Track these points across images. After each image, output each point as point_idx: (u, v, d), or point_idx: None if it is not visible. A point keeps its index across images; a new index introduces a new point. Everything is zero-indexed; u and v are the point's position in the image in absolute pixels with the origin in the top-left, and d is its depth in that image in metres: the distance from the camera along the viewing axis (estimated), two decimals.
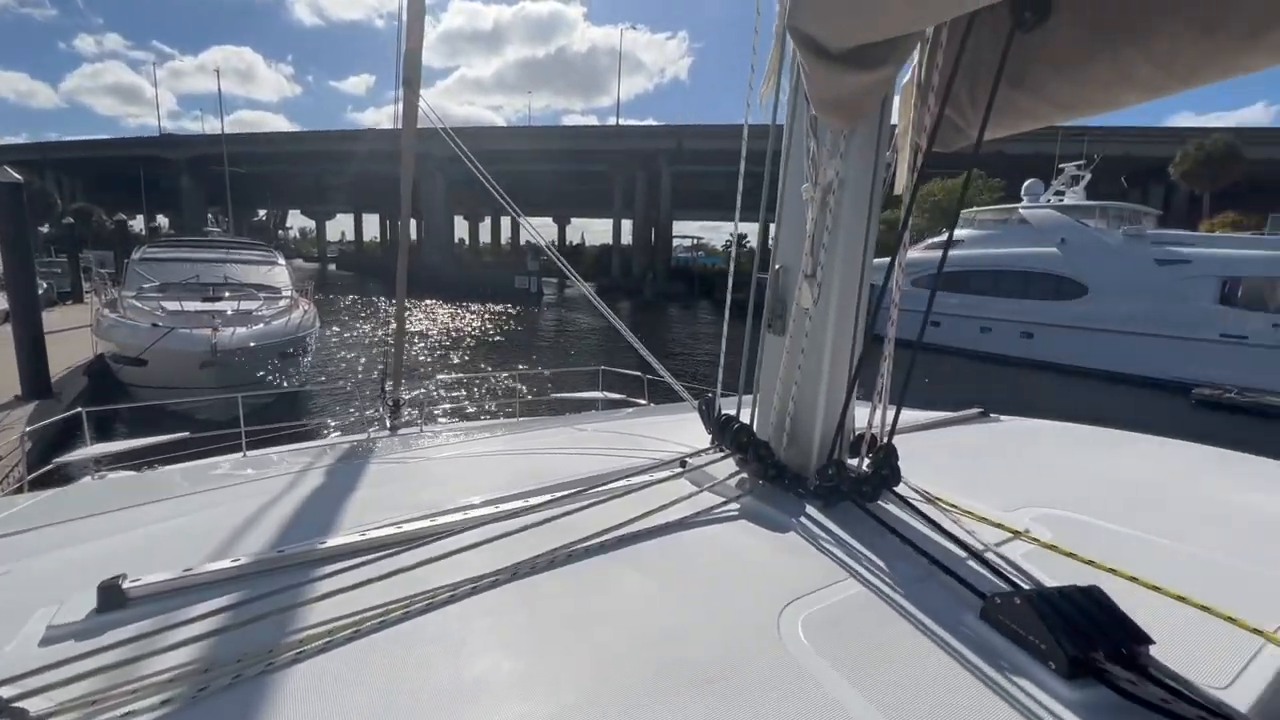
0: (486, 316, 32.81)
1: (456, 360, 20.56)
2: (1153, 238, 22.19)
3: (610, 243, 62.56)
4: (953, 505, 1.48)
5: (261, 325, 12.48)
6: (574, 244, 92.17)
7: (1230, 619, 0.99)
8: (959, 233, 27.32)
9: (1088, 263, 22.16)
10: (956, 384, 20.00)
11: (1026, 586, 1.07)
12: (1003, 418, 2.64)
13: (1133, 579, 1.12)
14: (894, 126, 1.61)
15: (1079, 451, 2.26)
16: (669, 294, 50.01)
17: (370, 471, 2.06)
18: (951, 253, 26.70)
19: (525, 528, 1.26)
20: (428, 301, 37.23)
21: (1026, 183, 26.97)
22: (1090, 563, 1.19)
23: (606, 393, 3.52)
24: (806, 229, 1.51)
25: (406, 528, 1.27)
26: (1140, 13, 1.10)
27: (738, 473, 1.61)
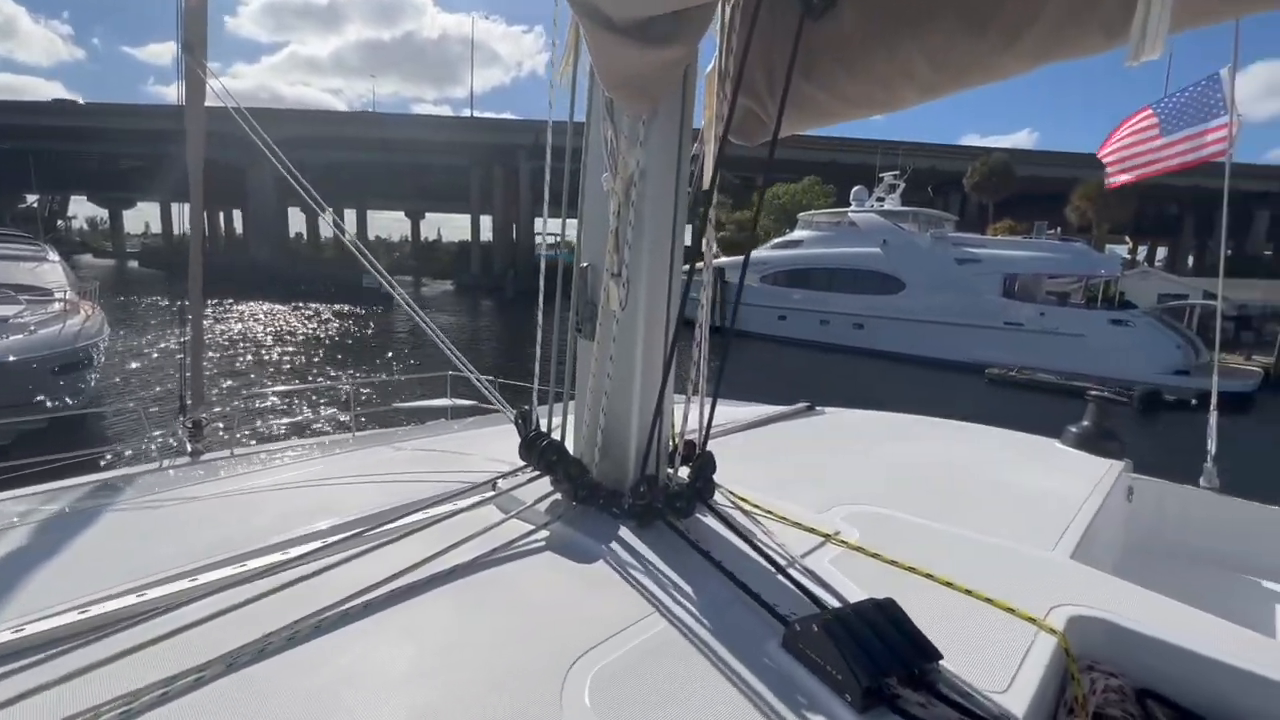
0: (328, 318, 29.92)
1: (290, 368, 18.56)
2: (953, 240, 26.01)
3: (469, 239, 60.20)
4: (769, 512, 1.47)
5: (23, 335, 10.15)
6: (429, 240, 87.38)
7: (1009, 609, 1.05)
8: (800, 233, 29.92)
9: (904, 261, 25.34)
10: (805, 375, 21.90)
11: (832, 603, 1.09)
12: (827, 410, 2.76)
13: (928, 575, 1.18)
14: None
15: (891, 440, 2.38)
16: (533, 292, 49.09)
17: (153, 511, 1.74)
18: (793, 252, 29.19)
19: (272, 591, 1.06)
20: (254, 303, 33.24)
21: (854, 189, 30.19)
22: (893, 563, 1.24)
23: (456, 399, 3.30)
24: (610, 224, 1.40)
25: (131, 600, 1.04)
26: (917, 6, 1.17)
27: (551, 493, 1.48)
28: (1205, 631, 1.02)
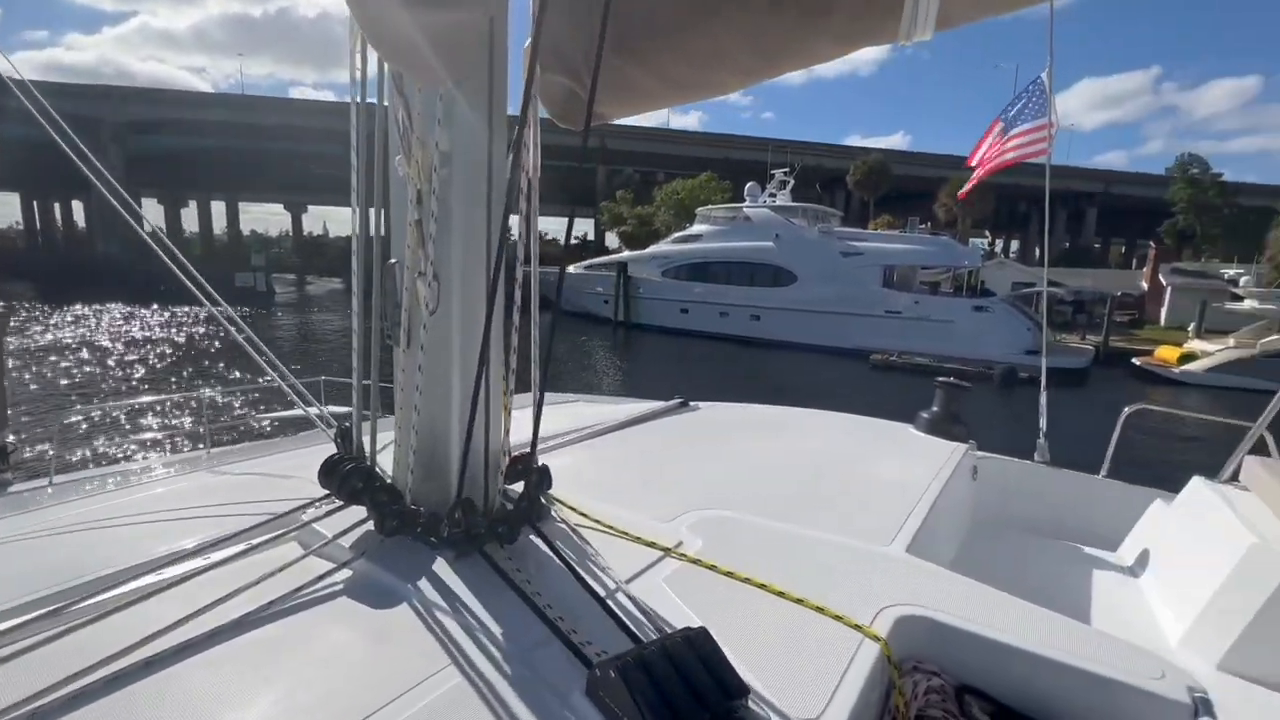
0: (191, 322, 26.93)
1: (142, 381, 16.53)
2: (838, 234, 27.75)
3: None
4: (609, 527, 1.37)
5: None
6: (314, 235, 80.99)
7: (838, 617, 1.04)
8: (698, 228, 30.75)
9: (796, 255, 26.70)
10: (706, 366, 22.55)
11: (650, 634, 1.02)
12: (701, 405, 2.74)
13: (763, 586, 1.14)
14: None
15: (757, 435, 2.37)
16: None
17: None
18: (692, 245, 29.92)
19: (10, 657, 0.90)
20: (100, 306, 29.34)
21: (747, 185, 31.42)
22: (730, 574, 1.19)
23: (331, 407, 3.05)
24: (410, 214, 1.24)
25: None
26: None
27: (364, 522, 1.30)
28: (1020, 620, 1.07)
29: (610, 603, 1.10)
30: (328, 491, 1.36)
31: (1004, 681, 1.02)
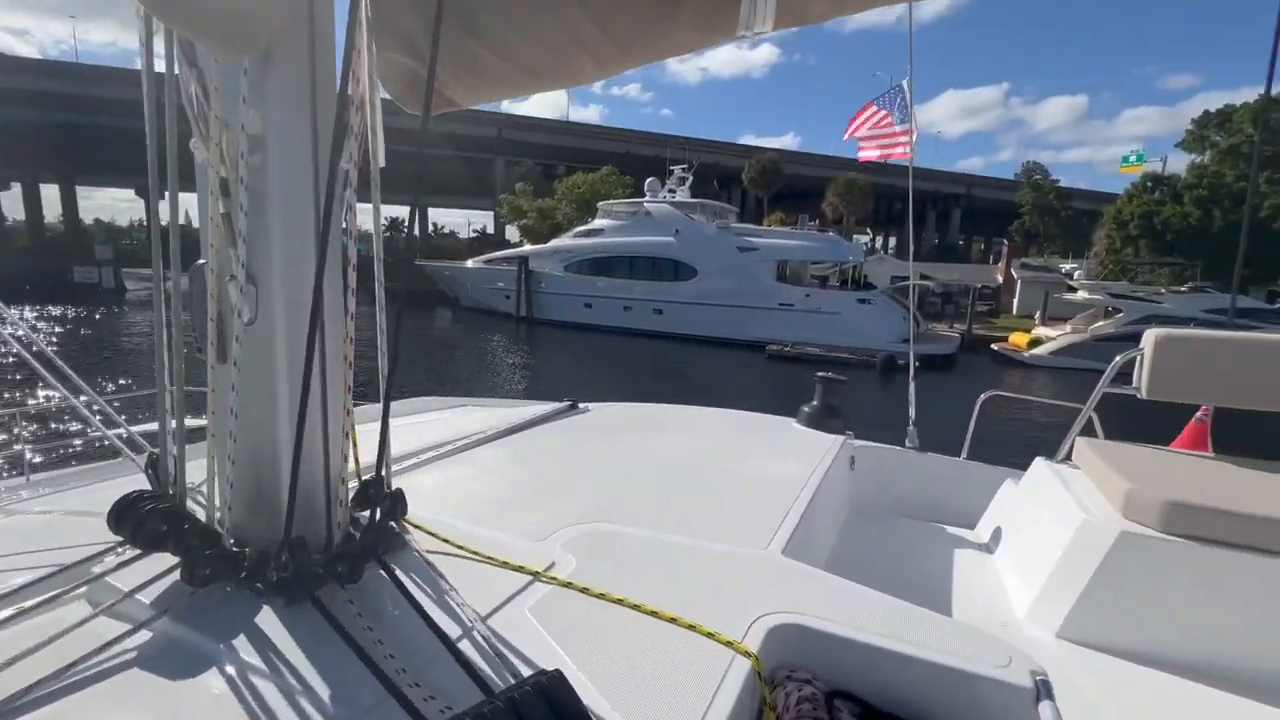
0: (26, 325, 23.32)
1: None
2: (735, 230, 28.71)
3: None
4: (475, 552, 1.25)
5: None
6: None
7: (710, 634, 1.00)
8: (600, 222, 30.71)
9: (696, 250, 27.33)
10: (610, 361, 22.55)
11: (504, 678, 0.94)
12: (591, 406, 2.66)
13: (636, 607, 1.09)
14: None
15: (644, 436, 2.32)
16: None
17: None
18: (594, 240, 29.84)
19: None
20: None
21: (647, 180, 31.74)
22: (602, 596, 1.13)
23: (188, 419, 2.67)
24: (212, 208, 1.07)
25: None
26: None
27: (171, 570, 1.11)
28: (885, 617, 1.08)
29: (464, 645, 1.00)
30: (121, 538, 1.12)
31: (871, 681, 1.02)
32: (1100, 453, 1.88)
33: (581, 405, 2.68)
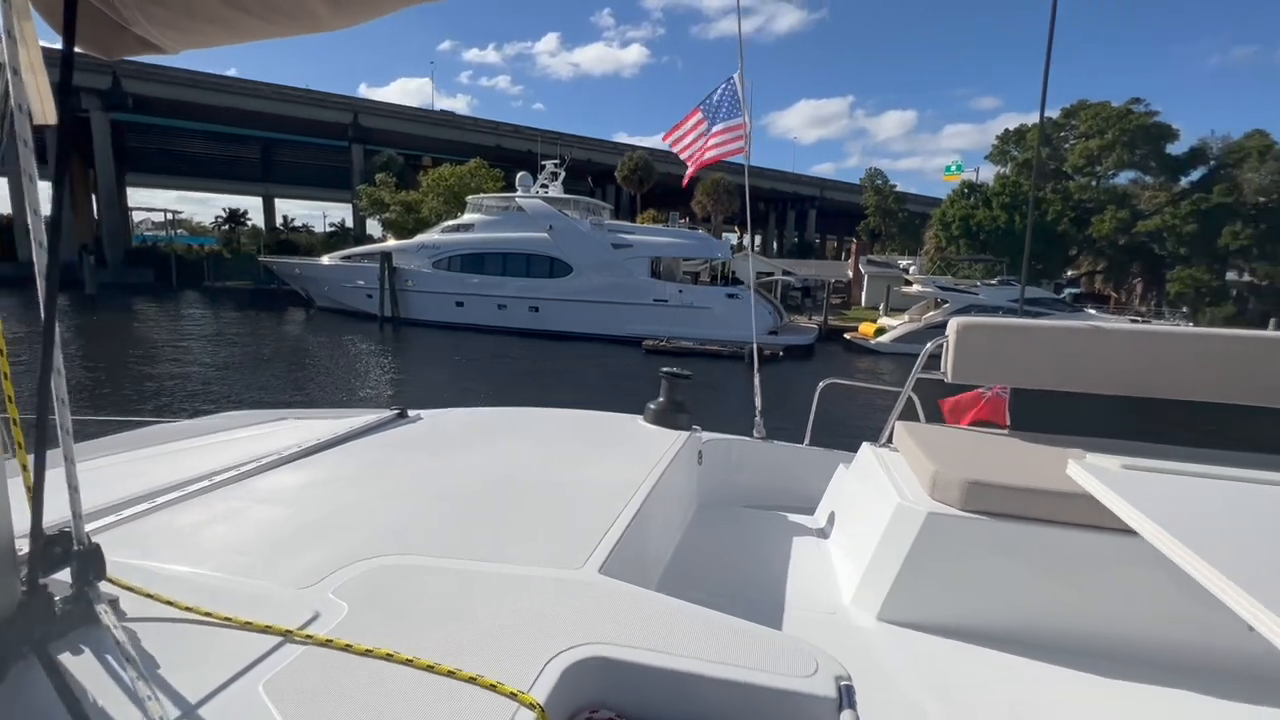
0: None
1: None
2: (609, 227, 28.86)
3: (10, 212, 42.71)
4: (207, 615, 1.01)
5: None
6: None
7: (492, 686, 0.87)
8: (470, 217, 29.50)
9: (570, 246, 27.13)
10: (485, 362, 21.74)
11: None
12: (424, 414, 2.41)
13: (409, 661, 0.91)
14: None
15: (475, 447, 2.08)
16: (130, 284, 38.06)
17: None
18: (465, 235, 28.63)
19: None
20: None
21: (519, 175, 30.96)
22: (368, 653, 0.93)
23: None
24: None
25: None
26: None
27: None
28: (697, 634, 1.01)
29: None
30: None
31: (680, 707, 0.95)
32: (914, 435, 2.00)
33: (413, 413, 2.40)
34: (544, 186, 30.58)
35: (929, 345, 2.23)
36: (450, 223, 30.16)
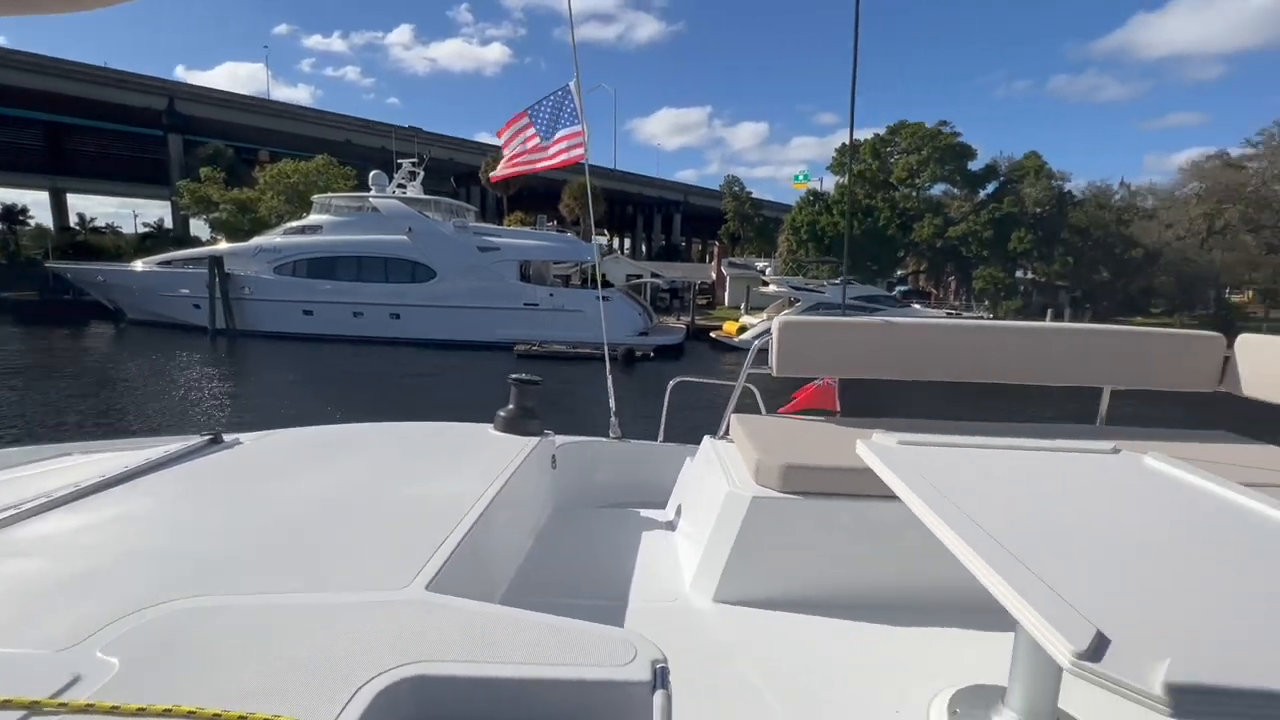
0: None
1: None
2: (474, 229, 27.94)
3: None
4: None
5: None
6: None
7: None
8: (317, 218, 27.14)
9: (433, 249, 25.87)
10: (340, 375, 20.09)
11: None
12: (243, 438, 2.18)
13: (190, 714, 0.83)
14: None
15: (299, 471, 1.93)
16: None
17: None
18: (312, 238, 26.31)
19: None
20: None
21: (373, 174, 29.00)
22: (140, 713, 0.83)
23: None
24: None
25: None
26: None
27: None
28: (521, 639, 1.00)
29: None
30: None
31: (502, 713, 0.93)
32: (745, 426, 2.14)
33: (229, 438, 2.14)
34: (401, 186, 28.91)
35: (756, 343, 2.43)
36: (295, 224, 27.53)
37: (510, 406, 2.36)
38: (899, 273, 42.96)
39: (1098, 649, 0.70)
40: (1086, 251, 35.25)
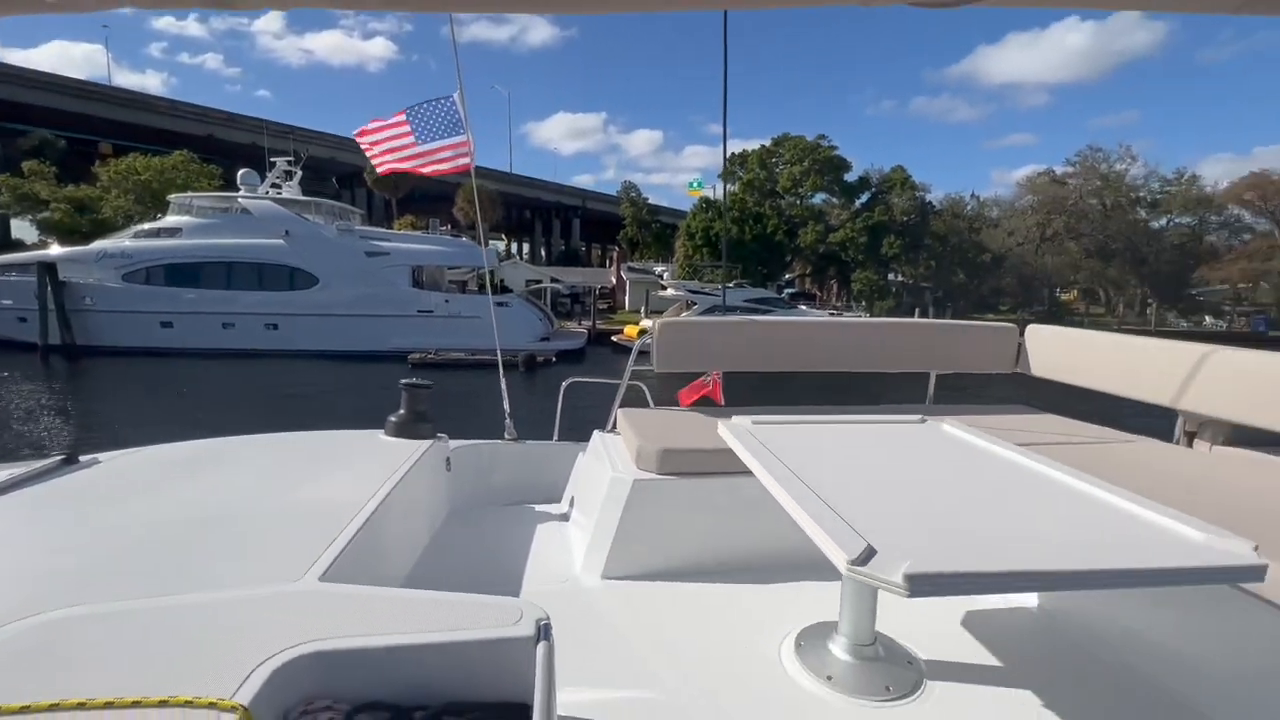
0: None
1: None
2: (361, 233, 26.38)
3: None
4: None
5: None
6: None
7: (187, 702, 0.83)
8: (176, 219, 24.52)
9: (314, 254, 24.16)
10: (206, 394, 18.25)
11: None
12: (102, 457, 2.03)
13: (80, 705, 0.83)
14: None
15: (164, 487, 1.83)
16: None
17: None
18: (169, 242, 23.76)
19: None
20: None
21: (241, 172, 26.63)
22: (24, 710, 0.82)
23: None
24: None
25: None
26: None
27: None
28: (418, 615, 1.03)
29: None
30: None
31: (399, 683, 0.97)
32: (630, 419, 2.30)
33: (86, 458, 1.95)
34: (276, 186, 26.77)
35: (637, 343, 2.64)
36: (148, 226, 24.70)
37: (401, 411, 2.35)
38: (787, 276, 45.61)
39: (866, 558, 0.99)
40: (946, 256, 39.29)
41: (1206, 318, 39.69)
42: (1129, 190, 40.05)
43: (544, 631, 1.00)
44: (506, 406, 3.15)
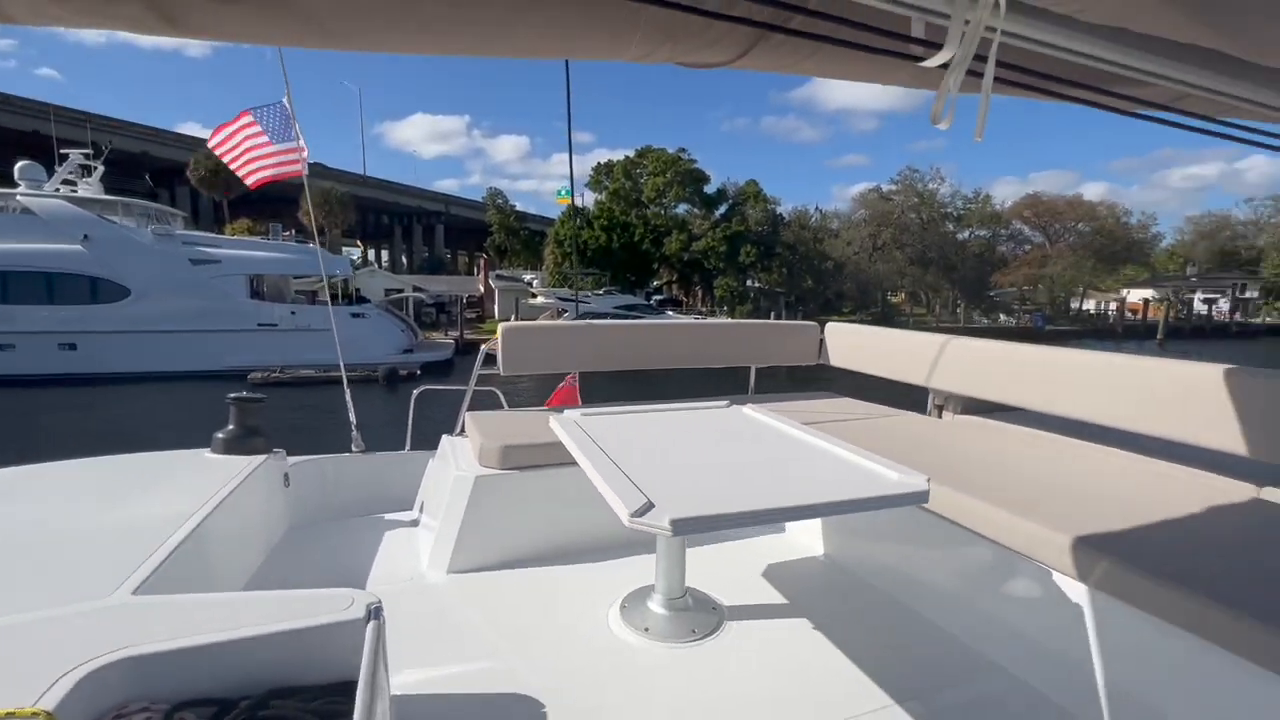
0: None
1: None
2: (183, 238, 23.27)
3: None
4: None
5: None
6: None
7: None
8: None
9: (123, 262, 20.96)
10: None
11: None
12: None
13: None
14: None
15: None
16: None
17: None
18: None
19: None
20: None
21: (21, 164, 22.44)
22: None
23: None
24: None
25: None
26: None
27: None
28: (242, 613, 1.04)
29: None
30: None
31: (223, 677, 0.97)
32: (477, 421, 2.38)
33: None
34: (69, 183, 22.91)
35: (484, 347, 2.71)
36: None
37: (230, 427, 2.22)
38: (655, 283, 47.10)
39: (644, 511, 1.17)
40: (796, 264, 42.81)
41: (1001, 315, 46.84)
42: (940, 206, 46.44)
43: (375, 613, 1.04)
44: (353, 418, 3.08)
